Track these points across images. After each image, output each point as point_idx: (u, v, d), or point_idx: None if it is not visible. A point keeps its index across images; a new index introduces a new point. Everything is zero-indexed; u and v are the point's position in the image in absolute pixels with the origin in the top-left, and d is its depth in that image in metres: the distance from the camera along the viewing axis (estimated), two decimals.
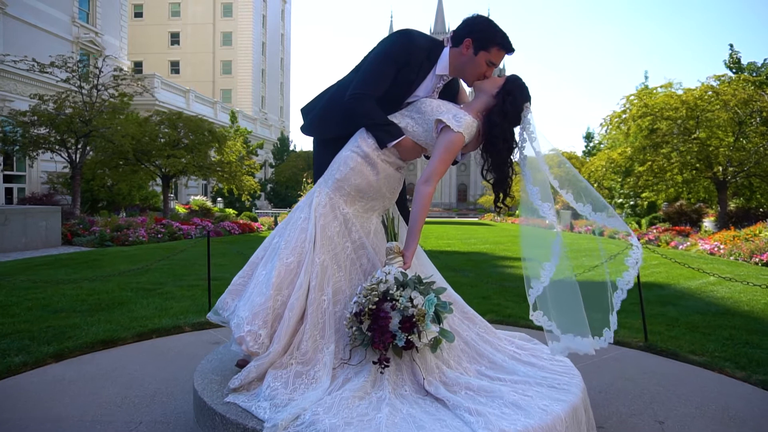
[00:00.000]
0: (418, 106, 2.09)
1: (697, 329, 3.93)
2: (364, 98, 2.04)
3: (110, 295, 4.73)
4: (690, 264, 9.21)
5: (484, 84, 2.09)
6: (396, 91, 2.11)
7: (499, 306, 4.59)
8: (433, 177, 1.95)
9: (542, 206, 1.98)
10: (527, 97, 2.07)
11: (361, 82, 2.06)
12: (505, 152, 2.04)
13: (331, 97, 2.24)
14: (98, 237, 10.28)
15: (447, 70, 2.13)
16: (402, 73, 2.07)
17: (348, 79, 2.23)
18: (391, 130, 2.06)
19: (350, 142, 2.12)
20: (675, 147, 14.77)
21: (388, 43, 2.08)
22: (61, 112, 11.82)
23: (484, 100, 2.08)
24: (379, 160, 2.06)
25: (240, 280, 2.10)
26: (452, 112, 2.00)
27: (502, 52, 2.07)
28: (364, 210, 2.09)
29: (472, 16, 2.14)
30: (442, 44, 2.14)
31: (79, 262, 7.16)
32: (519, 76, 2.10)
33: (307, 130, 2.31)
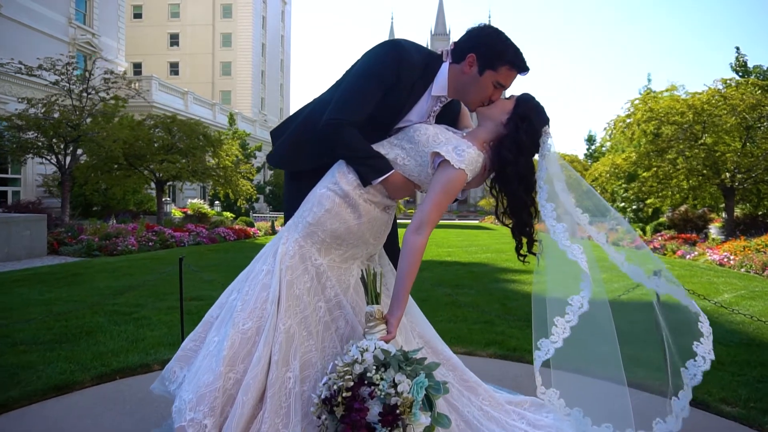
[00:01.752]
0: (411, 134, 1.71)
1: (723, 366, 3.55)
2: (343, 125, 1.67)
3: (80, 320, 4.36)
4: (699, 276, 8.86)
5: (491, 109, 1.71)
6: (383, 115, 1.74)
7: (503, 336, 4.21)
8: (427, 224, 1.57)
9: (570, 248, 1.60)
10: (545, 120, 1.70)
11: (339, 105, 1.68)
12: (524, 194, 1.67)
13: (304, 120, 1.86)
14: (85, 246, 9.92)
15: (445, 91, 1.76)
16: (390, 95, 1.69)
17: (326, 97, 1.85)
18: (376, 164, 1.68)
19: (326, 177, 1.75)
20: (681, 152, 14.40)
21: (373, 58, 1.71)
22: (48, 117, 11.46)
23: (492, 129, 1.70)
24: (361, 201, 1.68)
25: (191, 344, 1.72)
26: (452, 143, 1.62)
27: (514, 72, 1.69)
28: (342, 259, 1.72)
29: (477, 27, 1.74)
30: (439, 58, 1.76)
31: (59, 277, 6.79)
32: (532, 96, 1.72)
33: (274, 160, 1.93)
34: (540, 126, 1.71)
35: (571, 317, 1.62)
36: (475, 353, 3.71)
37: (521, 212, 1.68)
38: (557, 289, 1.67)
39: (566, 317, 1.62)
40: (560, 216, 1.64)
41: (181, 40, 48.92)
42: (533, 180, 1.70)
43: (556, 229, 1.62)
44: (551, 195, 1.66)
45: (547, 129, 1.72)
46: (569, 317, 1.62)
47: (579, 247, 1.60)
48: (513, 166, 1.64)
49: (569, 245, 1.59)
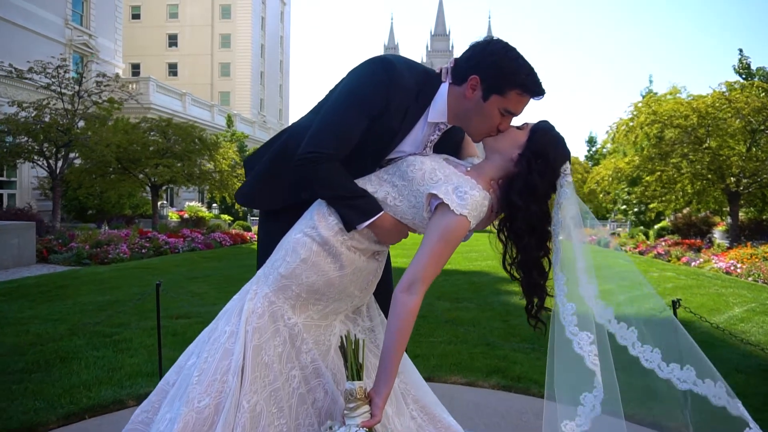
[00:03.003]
0: (404, 168, 1.45)
1: (744, 400, 3.28)
2: (322, 160, 1.41)
3: (56, 344, 4.10)
4: (707, 286, 8.60)
5: (499, 142, 1.44)
6: (370, 144, 1.47)
7: (506, 361, 3.95)
8: (422, 281, 1.31)
9: (578, 338, 1.33)
10: (564, 156, 1.43)
11: (317, 136, 1.42)
12: (535, 249, 1.40)
13: (279, 151, 1.60)
14: (75, 255, 9.66)
15: (444, 117, 1.49)
16: (379, 122, 1.43)
17: (304, 122, 1.58)
18: (362, 205, 1.42)
19: (303, 218, 1.49)
20: (685, 156, 14.15)
21: (358, 80, 1.44)
22: (39, 121, 11.19)
23: (500, 165, 1.44)
24: (344, 249, 1.43)
25: (142, 415, 1.46)
26: (452, 182, 1.36)
27: (525, 97, 1.42)
28: (321, 316, 1.46)
29: (481, 43, 1.46)
30: (437, 78, 1.49)
31: (44, 290, 6.53)
32: (550, 125, 1.46)
33: (244, 198, 1.66)
34: (558, 164, 1.43)
35: (582, 421, 1.36)
36: (477, 384, 3.46)
37: (531, 270, 1.42)
38: (566, 381, 1.39)
39: (577, 420, 1.36)
40: (572, 293, 1.38)
41: (179, 40, 48.66)
42: (548, 230, 1.44)
43: (564, 311, 1.36)
44: (566, 262, 1.39)
45: (567, 168, 1.45)
46: (580, 421, 1.36)
47: (588, 336, 1.34)
48: (524, 213, 1.39)
49: (577, 334, 1.33)
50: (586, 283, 1.38)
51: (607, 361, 1.38)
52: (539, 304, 1.43)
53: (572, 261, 1.39)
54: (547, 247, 1.42)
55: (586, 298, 1.38)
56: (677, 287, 8.35)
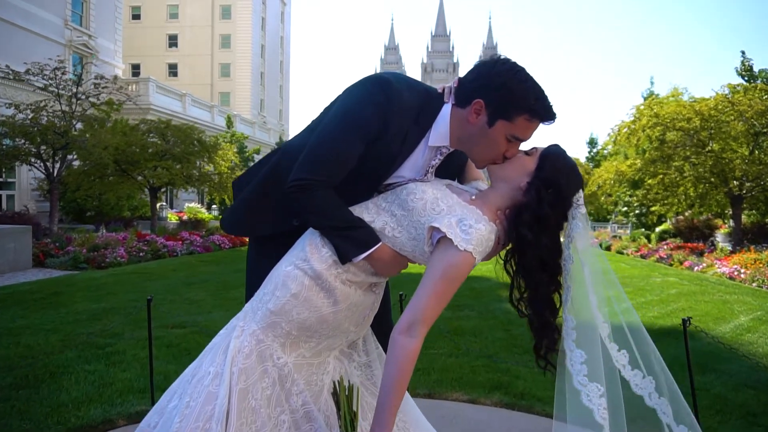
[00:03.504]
0: (403, 196, 1.35)
1: (755, 419, 3.19)
2: (315, 187, 1.31)
3: (47, 357, 4.00)
4: (711, 292, 8.49)
5: (506, 170, 1.34)
6: (367, 169, 1.37)
7: (509, 375, 3.85)
8: (422, 323, 1.21)
9: (586, 389, 1.22)
10: (577, 183, 1.33)
11: (310, 162, 1.32)
12: (546, 286, 1.30)
13: (268, 174, 1.49)
14: (72, 259, 9.56)
15: (446, 141, 1.38)
16: (376, 146, 1.33)
17: (296, 143, 1.47)
18: (358, 236, 1.32)
19: (294, 249, 1.38)
20: (687, 159, 14.05)
21: (354, 102, 1.33)
22: (35, 123, 11.09)
23: (507, 194, 1.33)
24: (338, 283, 1.32)
25: None
26: (456, 214, 1.25)
27: (535, 123, 1.31)
28: (314, 353, 1.36)
29: (486, 63, 1.34)
30: (439, 98, 1.39)
31: (37, 297, 6.43)
32: (561, 150, 1.35)
33: (231, 226, 1.56)
34: (570, 194, 1.32)
35: None
36: (479, 401, 3.35)
37: (543, 309, 1.31)
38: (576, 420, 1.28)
39: None
40: (580, 338, 1.26)
41: (179, 41, 48.59)
42: (559, 263, 1.33)
43: (573, 358, 1.25)
44: (577, 298, 1.28)
45: (580, 197, 1.34)
46: None
47: (598, 388, 1.23)
48: (534, 248, 1.28)
49: (586, 385, 1.23)
50: (602, 322, 1.28)
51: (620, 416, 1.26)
52: (549, 345, 1.32)
53: (584, 299, 1.29)
54: (558, 282, 1.32)
55: (600, 338, 1.27)
56: (681, 293, 8.25)
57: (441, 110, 1.37)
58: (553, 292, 1.31)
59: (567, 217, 1.33)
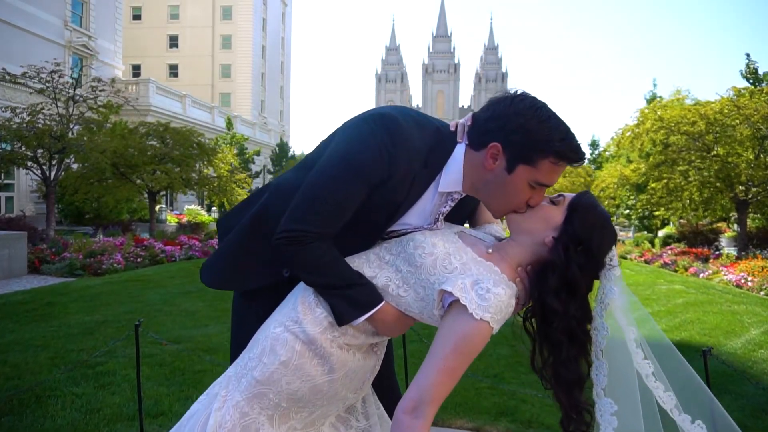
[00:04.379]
0: (410, 250, 1.18)
1: None
2: (309, 240, 1.14)
3: (34, 378, 3.84)
4: (719, 302, 8.31)
5: (528, 221, 1.17)
6: (368, 216, 1.20)
7: (515, 399, 3.68)
8: (431, 403, 1.04)
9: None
10: (611, 240, 1.16)
11: (303, 211, 1.15)
12: (575, 360, 1.12)
13: (255, 217, 1.31)
14: (68, 266, 9.41)
15: (459, 186, 1.22)
16: (379, 192, 1.16)
17: (290, 179, 1.31)
18: (358, 295, 1.15)
19: (283, 306, 1.22)
20: (691, 162, 13.88)
21: (356, 145, 1.16)
22: (32, 127, 10.94)
23: (530, 249, 1.17)
24: (334, 348, 1.16)
25: None
26: (471, 274, 1.09)
27: (562, 165, 1.15)
28: (306, 423, 1.19)
29: (503, 101, 1.17)
30: (452, 137, 1.21)
31: (29, 307, 6.28)
32: (592, 199, 1.18)
33: (212, 279, 1.38)
34: (603, 253, 1.15)
35: None
36: (484, 429, 3.19)
37: (572, 389, 1.13)
38: None
39: None
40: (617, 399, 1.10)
41: (180, 42, 48.51)
42: (588, 330, 1.16)
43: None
44: (616, 381, 1.10)
45: (614, 256, 1.16)
46: None
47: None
48: (562, 319, 1.11)
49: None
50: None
51: None
52: (578, 428, 1.15)
53: (628, 381, 1.11)
54: (587, 350, 1.15)
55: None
56: (688, 303, 8.08)
57: (453, 152, 1.20)
58: (581, 373, 1.14)
59: (599, 278, 1.16)
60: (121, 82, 27.90)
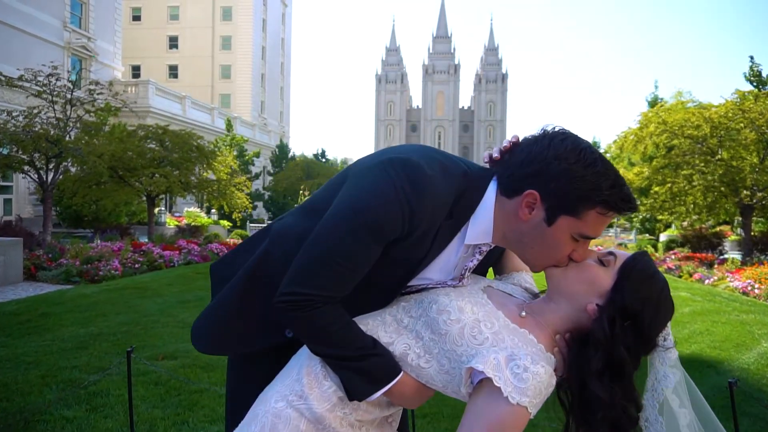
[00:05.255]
0: (433, 314, 1.02)
1: None
2: (316, 305, 0.99)
3: (23, 399, 3.70)
4: (726, 310, 8.16)
5: (570, 279, 1.02)
6: (384, 274, 1.05)
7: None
8: None
9: None
10: (667, 316, 1.01)
11: (309, 271, 1.00)
12: None
13: (259, 262, 1.15)
14: (64, 272, 9.27)
15: (489, 238, 1.06)
16: (396, 247, 1.01)
17: (293, 224, 1.15)
18: (373, 367, 1.00)
19: (286, 374, 1.06)
20: (695, 166, 13.75)
21: (371, 194, 0.99)
22: (28, 131, 10.80)
23: (569, 314, 1.02)
24: (345, 427, 1.02)
25: None
26: (505, 347, 0.95)
27: (610, 215, 0.99)
28: None
29: (540, 141, 1.02)
30: (481, 180, 1.05)
31: (23, 319, 6.13)
32: (648, 262, 1.03)
33: (206, 345, 1.22)
34: (656, 332, 0.99)
35: None
36: None
37: None
38: None
39: None
40: None
41: (180, 42, 48.42)
42: (634, 416, 0.99)
43: None
44: None
45: (668, 334, 1.01)
46: None
47: None
48: (606, 409, 0.95)
49: None
50: None
51: None
52: None
53: None
54: None
55: None
56: (695, 312, 7.93)
57: (483, 199, 1.04)
58: None
59: (650, 351, 1.01)
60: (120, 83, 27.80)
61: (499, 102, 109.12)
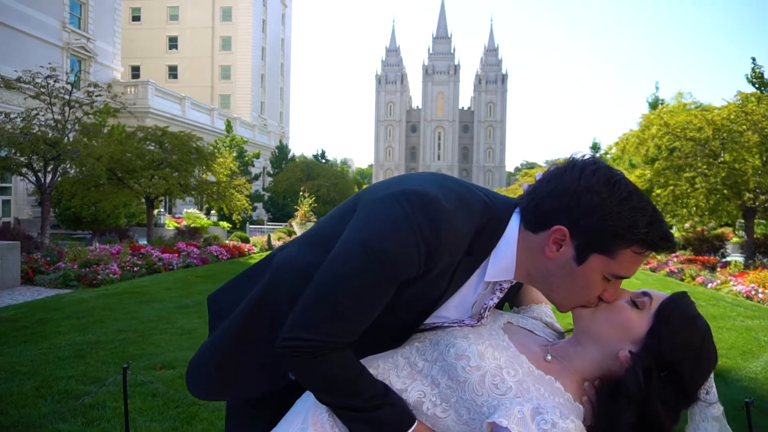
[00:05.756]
0: (450, 359, 0.94)
1: None
2: (323, 351, 0.91)
3: (18, 413, 3.61)
4: (731, 316, 8.09)
5: (599, 322, 0.93)
6: (397, 314, 0.97)
7: None
8: None
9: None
10: (710, 366, 0.91)
11: (316, 315, 0.91)
12: None
13: (260, 298, 1.06)
14: (62, 276, 9.18)
15: (511, 275, 0.98)
16: (411, 289, 0.93)
17: (297, 256, 1.06)
18: (385, 418, 0.92)
19: (288, 424, 0.98)
20: (696, 169, 13.68)
21: (387, 232, 0.90)
22: (26, 133, 10.72)
23: (597, 360, 0.93)
24: None
25: None
26: (530, 397, 0.87)
27: (647, 253, 0.91)
28: None
29: (569, 170, 0.93)
30: (503, 212, 0.97)
31: (20, 325, 6.04)
32: (689, 305, 0.93)
33: (197, 383, 1.11)
34: (698, 384, 0.90)
35: None
36: None
37: None
38: None
39: None
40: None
41: (180, 43, 48.35)
42: None
43: None
44: None
45: (711, 387, 0.92)
46: None
47: None
48: None
49: None
50: None
51: None
52: None
53: None
54: None
55: None
56: None
57: (505, 233, 0.96)
58: None
59: (691, 414, 0.92)
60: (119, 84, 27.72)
61: (498, 102, 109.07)
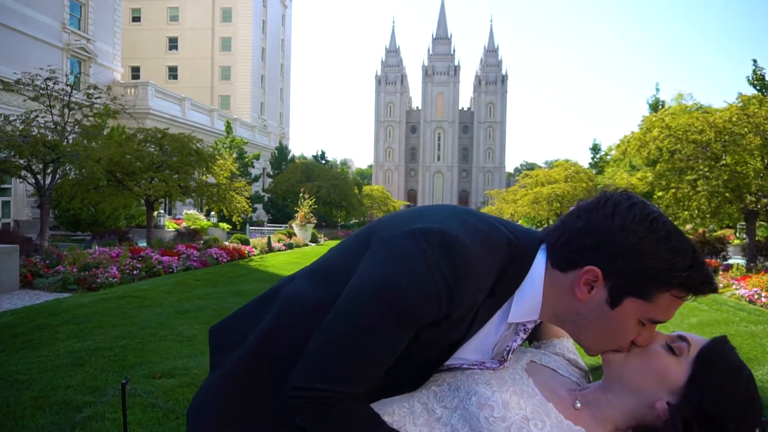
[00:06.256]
0: (472, 408, 0.88)
1: None
2: (335, 401, 0.85)
3: (14, 423, 3.55)
4: (734, 321, 8.04)
5: (635, 371, 0.87)
6: (413, 361, 0.92)
7: None
8: None
9: None
10: (755, 420, 0.85)
11: (327, 362, 0.85)
12: None
13: (266, 335, 0.98)
14: (61, 280, 9.13)
15: (536, 315, 0.92)
16: (430, 332, 0.87)
17: (305, 290, 0.98)
18: None
19: None
20: (701, 172, 13.64)
21: (405, 275, 0.83)
22: (25, 136, 10.67)
23: (631, 409, 0.87)
24: None
25: None
26: None
27: (687, 297, 0.85)
28: None
29: (602, 206, 0.86)
30: (527, 250, 0.90)
31: (18, 332, 5.99)
32: (730, 352, 0.88)
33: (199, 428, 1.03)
34: None
35: None
36: None
37: None
38: None
39: None
40: None
41: (180, 44, 48.34)
42: None
43: None
44: None
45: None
46: None
47: None
48: None
49: None
50: None
51: None
52: None
53: None
54: None
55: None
56: (702, 323, 7.80)
57: (530, 272, 0.90)
58: None
59: None
60: (119, 84, 27.66)
61: (498, 103, 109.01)
